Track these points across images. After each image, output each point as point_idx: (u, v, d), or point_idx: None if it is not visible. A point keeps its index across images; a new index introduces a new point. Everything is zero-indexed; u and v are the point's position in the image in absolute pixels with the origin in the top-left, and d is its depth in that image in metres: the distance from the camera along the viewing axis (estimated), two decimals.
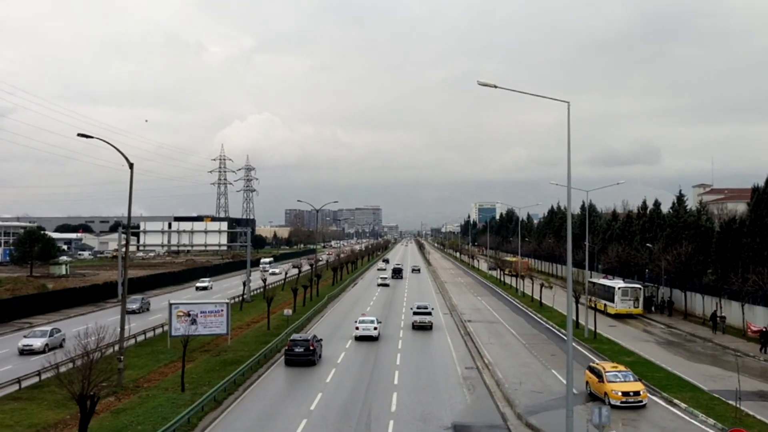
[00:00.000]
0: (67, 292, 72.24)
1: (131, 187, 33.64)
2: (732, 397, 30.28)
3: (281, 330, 49.59)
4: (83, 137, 32.14)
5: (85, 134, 32.26)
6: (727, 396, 31.32)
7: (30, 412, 29.42)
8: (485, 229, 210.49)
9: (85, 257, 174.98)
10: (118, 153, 32.88)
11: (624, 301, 61.76)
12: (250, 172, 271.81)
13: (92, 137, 32.65)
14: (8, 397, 32.01)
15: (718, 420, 27.94)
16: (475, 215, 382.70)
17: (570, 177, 26.58)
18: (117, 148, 33.24)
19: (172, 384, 34.03)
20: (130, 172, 32.99)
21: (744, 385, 31.10)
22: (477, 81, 26.62)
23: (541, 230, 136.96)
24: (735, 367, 34.46)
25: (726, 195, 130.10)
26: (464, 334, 52.49)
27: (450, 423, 28.07)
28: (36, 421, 28.08)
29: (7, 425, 27.59)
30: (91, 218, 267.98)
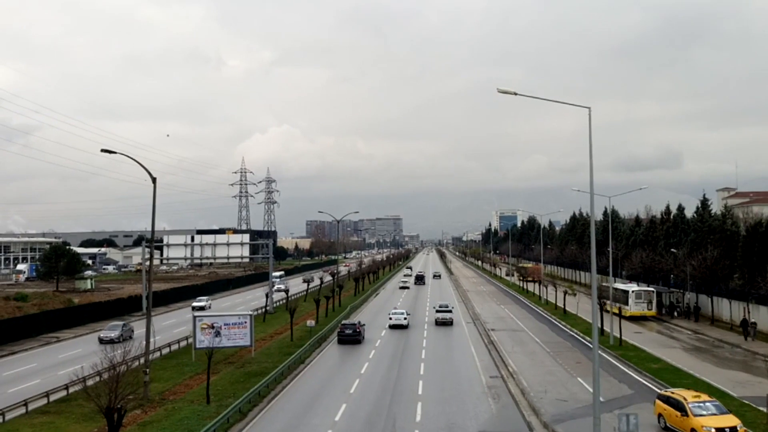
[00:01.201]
0: (93, 306, 73.19)
1: (154, 201, 34.03)
2: (763, 403, 29.93)
3: (304, 341, 49.67)
4: (107, 153, 32.60)
5: (108, 150, 32.74)
6: (758, 402, 30.91)
7: (58, 426, 29.70)
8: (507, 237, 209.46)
9: (110, 271, 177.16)
10: (140, 168, 33.30)
11: (638, 303, 63.90)
12: (270, 184, 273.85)
13: (115, 152, 33.11)
14: (37, 410, 32.34)
15: (749, 427, 27.45)
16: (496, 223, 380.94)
17: (592, 183, 26.36)
18: (140, 163, 33.65)
19: (198, 396, 34.21)
20: (153, 186, 33.37)
21: None
22: (497, 88, 26.58)
23: (564, 237, 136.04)
24: (765, 373, 33.97)
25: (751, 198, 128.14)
26: (488, 342, 52.18)
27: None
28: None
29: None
30: (114, 233, 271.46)
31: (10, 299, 75.33)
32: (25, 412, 31.85)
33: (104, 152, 32.44)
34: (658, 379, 37.26)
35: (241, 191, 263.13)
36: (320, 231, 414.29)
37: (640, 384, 36.94)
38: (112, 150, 32.67)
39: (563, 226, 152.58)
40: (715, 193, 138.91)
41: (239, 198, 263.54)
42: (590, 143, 25.98)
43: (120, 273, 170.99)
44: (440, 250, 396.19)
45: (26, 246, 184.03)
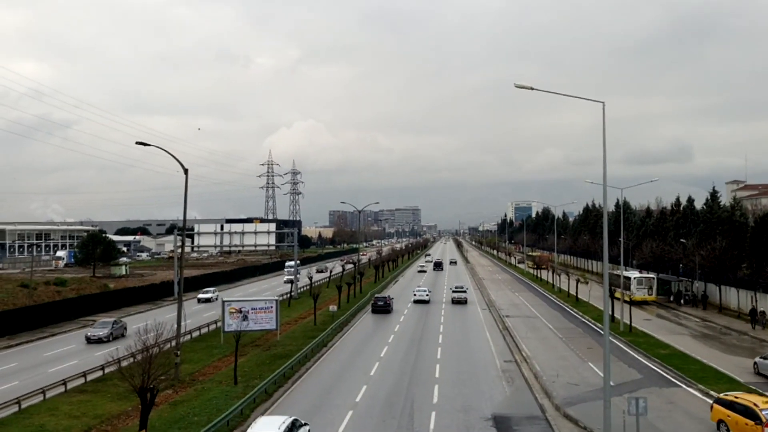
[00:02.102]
0: (127, 291, 75.70)
1: (186, 191, 35.52)
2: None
3: (327, 325, 51.46)
4: (141, 145, 34.10)
5: (143, 142, 34.20)
6: (765, 388, 31.87)
7: (95, 404, 31.32)
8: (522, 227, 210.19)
9: (143, 258, 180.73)
10: (173, 160, 34.78)
11: (639, 289, 67.50)
12: (296, 176, 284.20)
13: (149, 145, 34.59)
14: (75, 389, 34.09)
15: None
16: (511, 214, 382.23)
17: (605, 174, 27.30)
18: (172, 155, 35.12)
19: (226, 377, 35.82)
20: (185, 177, 34.84)
21: None
22: (514, 84, 27.68)
23: (577, 228, 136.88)
24: None
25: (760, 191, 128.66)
26: (502, 328, 53.63)
27: (490, 414, 29.19)
28: (101, 412, 29.89)
29: (75, 416, 29.44)
30: (148, 221, 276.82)
31: (50, 284, 77.81)
32: (64, 390, 33.56)
33: (139, 144, 33.93)
34: (666, 364, 38.51)
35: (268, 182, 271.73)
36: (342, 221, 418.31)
37: (649, 369, 38.19)
38: (146, 143, 34.13)
39: (576, 216, 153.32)
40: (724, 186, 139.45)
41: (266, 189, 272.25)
42: (604, 136, 26.97)
43: (153, 260, 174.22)
44: (457, 240, 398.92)
45: (65, 234, 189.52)
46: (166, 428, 27.27)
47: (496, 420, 28.38)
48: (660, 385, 34.08)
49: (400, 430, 27.12)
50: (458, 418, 28.53)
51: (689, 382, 34.40)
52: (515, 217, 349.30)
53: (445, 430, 27.12)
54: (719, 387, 32.81)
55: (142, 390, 24.05)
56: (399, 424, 27.82)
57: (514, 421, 28.44)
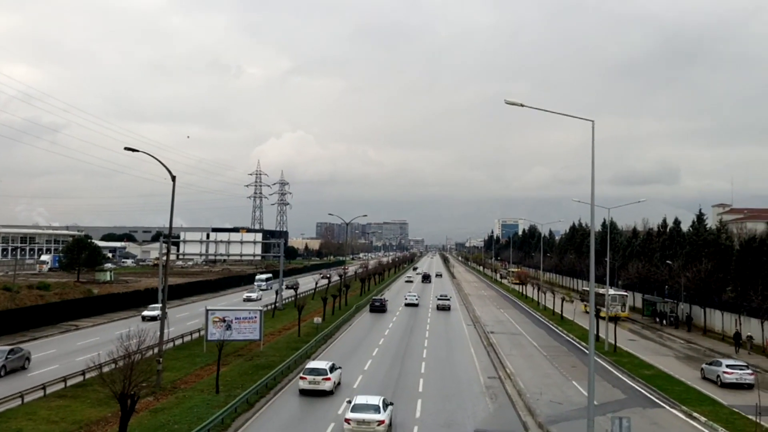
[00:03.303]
0: (111, 297, 75.05)
1: (173, 198, 35.35)
2: (752, 412, 30.76)
3: (311, 337, 51.16)
4: (130, 151, 33.88)
5: (131, 148, 34.01)
6: (747, 411, 31.93)
7: (74, 410, 30.83)
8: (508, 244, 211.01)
9: (129, 265, 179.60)
10: (161, 166, 34.61)
11: (613, 306, 68.30)
12: (284, 187, 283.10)
13: (138, 151, 34.39)
14: (55, 394, 33.59)
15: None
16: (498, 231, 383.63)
17: (593, 193, 27.39)
18: (161, 162, 34.95)
19: (208, 386, 35.48)
20: (173, 184, 34.67)
21: (764, 401, 31.72)
22: (505, 100, 27.81)
23: (563, 246, 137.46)
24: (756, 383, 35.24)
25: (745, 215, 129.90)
26: (487, 345, 53.57)
27: (473, 430, 29.01)
28: (80, 418, 29.43)
29: (53, 421, 28.98)
30: (134, 228, 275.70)
31: (33, 288, 76.97)
32: (43, 395, 33.06)
33: (127, 150, 33.75)
34: (650, 385, 38.56)
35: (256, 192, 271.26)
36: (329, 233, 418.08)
37: (633, 389, 38.20)
38: (135, 149, 33.95)
39: (563, 235, 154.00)
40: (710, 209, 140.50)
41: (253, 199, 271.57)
42: (593, 155, 27.16)
43: (138, 267, 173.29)
44: (444, 255, 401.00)
45: (50, 238, 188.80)
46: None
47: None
48: (644, 406, 34.09)
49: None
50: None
51: (673, 403, 34.42)
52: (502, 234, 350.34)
53: None
54: (702, 409, 32.97)
55: (123, 396, 23.77)
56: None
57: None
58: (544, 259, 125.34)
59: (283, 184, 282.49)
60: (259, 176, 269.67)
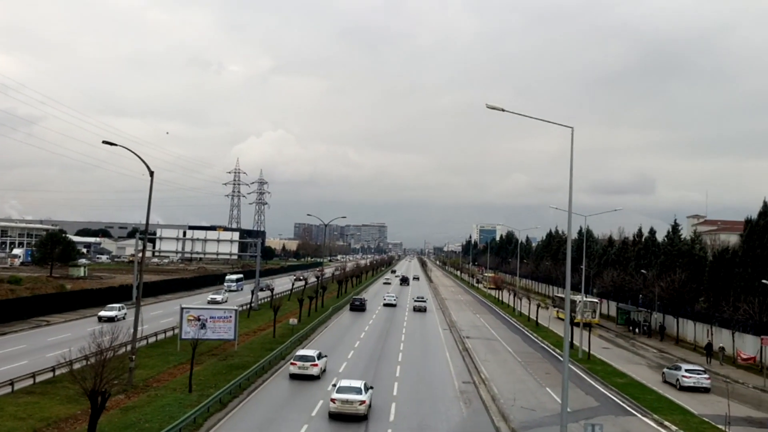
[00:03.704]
0: (85, 293, 73.78)
1: (151, 193, 34.92)
2: (721, 421, 31.33)
3: (286, 338, 50.86)
4: (108, 144, 33.48)
5: (109, 142, 33.60)
6: (717, 420, 32.39)
7: (42, 406, 30.30)
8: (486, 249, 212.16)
9: (103, 261, 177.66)
10: (139, 162, 34.23)
11: (584, 312, 67.68)
12: (262, 186, 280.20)
13: (116, 145, 33.99)
14: (23, 390, 32.96)
15: None
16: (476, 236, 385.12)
17: (571, 199, 27.47)
18: (139, 157, 34.58)
19: (180, 385, 35.15)
20: (151, 179, 34.28)
21: (733, 411, 32.17)
22: (486, 104, 27.90)
23: (539, 253, 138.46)
24: (724, 392, 35.68)
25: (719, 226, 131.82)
26: (462, 349, 53.66)
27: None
28: (48, 415, 28.93)
29: (20, 417, 28.44)
30: (110, 224, 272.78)
31: (4, 282, 75.67)
32: (11, 391, 32.41)
33: (105, 144, 33.34)
34: (623, 393, 38.87)
35: (234, 191, 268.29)
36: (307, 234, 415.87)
37: (605, 397, 38.46)
38: (113, 142, 33.55)
39: (539, 242, 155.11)
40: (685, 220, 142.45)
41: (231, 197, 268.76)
42: (571, 161, 27.27)
43: (113, 263, 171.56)
44: (422, 259, 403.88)
45: (23, 231, 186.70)
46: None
47: None
48: (616, 414, 34.34)
49: None
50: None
51: (644, 411, 34.72)
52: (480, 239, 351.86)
53: None
54: (673, 417, 33.32)
55: (93, 393, 23.40)
56: None
57: None
58: (520, 265, 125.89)
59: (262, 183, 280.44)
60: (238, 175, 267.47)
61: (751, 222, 56.95)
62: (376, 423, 30.20)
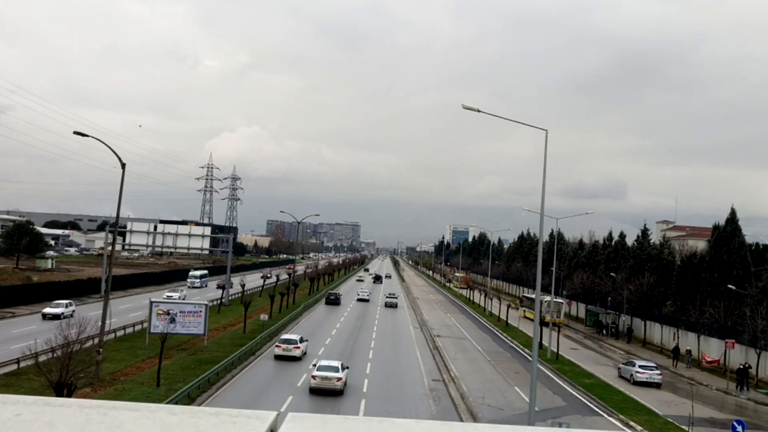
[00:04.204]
0: (52, 285, 72.28)
1: (122, 186, 34.48)
2: (685, 422, 31.93)
3: (256, 334, 50.50)
4: (79, 135, 33.00)
5: (81, 133, 33.11)
6: (680, 421, 32.94)
7: None
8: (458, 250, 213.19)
9: (72, 253, 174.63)
10: (111, 154, 33.78)
11: (548, 312, 68.76)
12: (235, 182, 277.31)
13: (88, 136, 33.49)
14: None
15: None
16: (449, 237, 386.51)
17: (543, 201, 27.82)
18: (111, 148, 34.10)
19: (148, 379, 34.75)
20: (122, 172, 33.83)
21: (697, 413, 32.80)
22: (462, 105, 28.14)
23: (511, 254, 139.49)
24: (689, 394, 36.35)
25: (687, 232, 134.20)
26: (433, 348, 53.87)
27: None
28: None
29: None
30: (79, 216, 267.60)
31: None
32: None
33: (77, 134, 32.85)
34: (590, 393, 39.33)
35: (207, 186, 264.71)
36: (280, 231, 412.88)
37: (573, 397, 38.92)
38: (84, 133, 33.07)
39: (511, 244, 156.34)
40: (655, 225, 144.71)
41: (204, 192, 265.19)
42: (545, 163, 27.56)
43: (82, 255, 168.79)
44: (395, 258, 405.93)
45: None
46: None
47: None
48: (583, 413, 34.75)
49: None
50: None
51: (611, 411, 35.18)
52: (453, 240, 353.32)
53: None
54: (639, 418, 33.80)
55: (59, 386, 23.21)
56: None
57: None
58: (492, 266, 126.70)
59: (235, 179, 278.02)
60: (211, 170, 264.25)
61: (718, 228, 58.02)
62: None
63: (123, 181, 34.46)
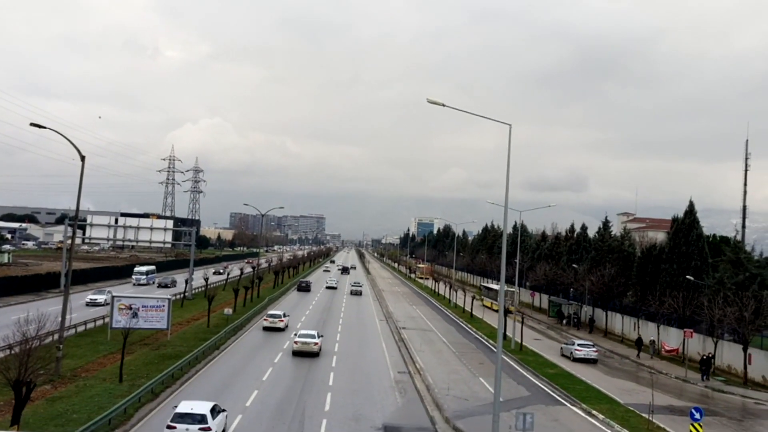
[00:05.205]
0: (8, 279, 70.85)
1: (81, 179, 33.73)
2: (645, 410, 32.64)
3: (220, 328, 50.09)
4: (36, 127, 32.17)
5: (37, 124, 32.27)
6: (641, 409, 33.68)
7: None
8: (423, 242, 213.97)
9: (29, 247, 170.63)
10: (69, 146, 33.02)
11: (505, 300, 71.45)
12: (198, 174, 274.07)
13: (45, 128, 32.63)
14: None
15: (632, 431, 29.97)
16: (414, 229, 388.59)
17: (507, 194, 28.06)
18: (69, 140, 33.34)
19: (110, 375, 34.23)
20: (82, 165, 33.10)
21: (657, 400, 33.60)
22: (427, 99, 28.05)
23: (475, 246, 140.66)
24: (649, 383, 37.13)
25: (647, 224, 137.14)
26: (398, 340, 54.07)
27: (381, 424, 29.12)
28: None
29: None
30: (37, 209, 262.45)
31: None
32: None
33: (33, 126, 32.02)
34: (553, 383, 39.94)
35: (168, 178, 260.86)
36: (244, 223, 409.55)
37: (537, 387, 39.44)
38: (41, 125, 32.25)
39: (476, 236, 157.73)
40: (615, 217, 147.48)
41: (166, 185, 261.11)
42: (509, 157, 27.77)
43: (40, 249, 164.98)
44: (360, 251, 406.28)
45: None
46: (41, 425, 25.65)
47: (386, 430, 28.35)
48: (546, 403, 35.25)
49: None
50: (349, 427, 28.33)
51: (573, 401, 35.75)
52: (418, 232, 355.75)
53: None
54: (601, 407, 34.39)
55: (17, 383, 22.64)
56: (289, 430, 27.40)
57: (404, 431, 28.57)
58: (456, 258, 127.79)
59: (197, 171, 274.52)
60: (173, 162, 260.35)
61: (677, 220, 59.28)
62: (312, 412, 30.12)
63: (83, 174, 33.73)
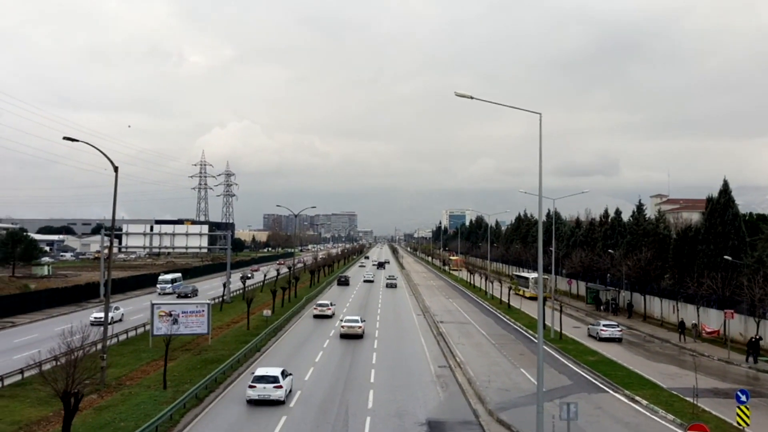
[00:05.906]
0: (50, 292, 72.31)
1: (116, 189, 34.33)
2: (689, 394, 32.13)
3: (260, 330, 50.64)
4: (69, 140, 32.76)
5: (70, 138, 32.86)
6: (685, 393, 33.18)
7: (12, 410, 29.74)
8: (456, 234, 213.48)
9: (67, 258, 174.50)
10: (100, 157, 33.59)
11: (535, 287, 70.30)
12: (229, 177, 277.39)
13: (78, 140, 33.23)
14: None
15: (676, 416, 29.57)
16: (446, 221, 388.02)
17: (541, 184, 27.71)
18: (102, 152, 33.90)
19: (154, 382, 34.77)
20: (115, 175, 33.67)
21: (700, 384, 33.13)
22: (454, 92, 27.86)
23: (509, 236, 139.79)
24: (692, 366, 36.54)
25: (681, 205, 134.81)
26: (437, 334, 54.03)
27: (424, 419, 29.17)
28: (19, 418, 28.39)
29: None
30: (73, 220, 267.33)
31: None
32: None
33: (66, 140, 32.57)
34: (595, 370, 39.55)
35: (201, 183, 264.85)
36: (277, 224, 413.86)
37: (578, 375, 39.12)
38: (74, 138, 32.79)
39: (509, 225, 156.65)
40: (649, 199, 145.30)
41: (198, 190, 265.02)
42: (540, 147, 27.38)
43: (78, 260, 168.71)
44: (392, 246, 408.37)
45: None
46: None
47: (430, 425, 28.37)
48: (588, 391, 34.93)
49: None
50: (393, 423, 28.39)
51: (616, 387, 35.39)
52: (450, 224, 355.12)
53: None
54: (644, 392, 33.97)
55: (66, 394, 23.00)
56: (333, 429, 27.54)
57: (448, 426, 28.51)
58: (490, 249, 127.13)
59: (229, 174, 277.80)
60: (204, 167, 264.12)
61: (712, 200, 58.13)
62: (356, 410, 30.26)
63: (117, 184, 34.30)
